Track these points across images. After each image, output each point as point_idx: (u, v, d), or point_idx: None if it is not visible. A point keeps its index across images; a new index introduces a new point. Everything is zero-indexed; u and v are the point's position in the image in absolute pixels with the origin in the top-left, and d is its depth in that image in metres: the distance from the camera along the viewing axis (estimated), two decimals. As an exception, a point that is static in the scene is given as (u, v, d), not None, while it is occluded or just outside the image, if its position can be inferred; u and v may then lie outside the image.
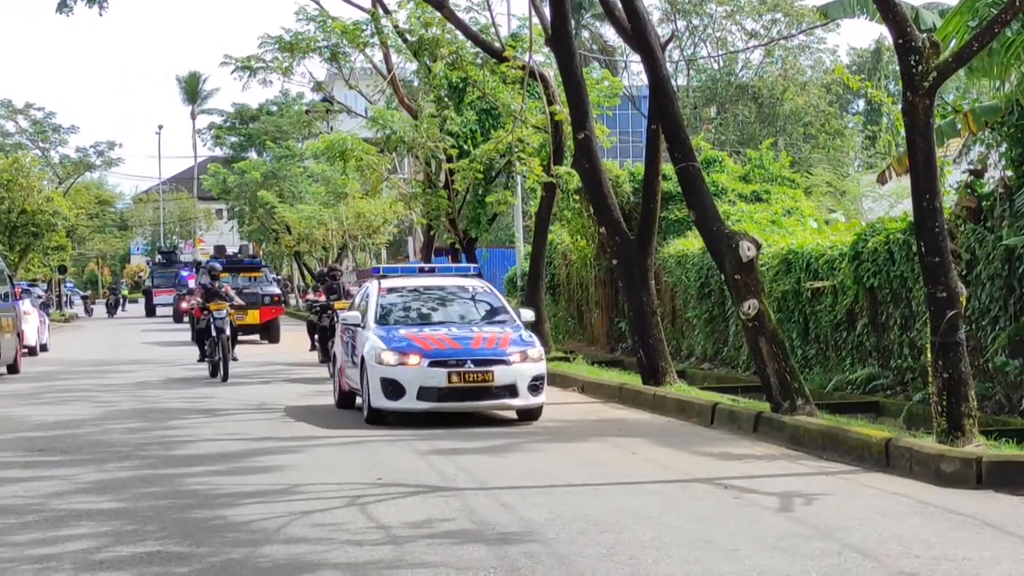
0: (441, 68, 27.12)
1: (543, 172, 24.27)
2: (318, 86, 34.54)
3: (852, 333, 17.74)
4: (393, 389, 15.18)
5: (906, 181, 13.60)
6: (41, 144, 68.45)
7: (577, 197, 25.12)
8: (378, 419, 15.50)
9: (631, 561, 7.93)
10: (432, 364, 15.13)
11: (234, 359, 24.35)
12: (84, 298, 77.50)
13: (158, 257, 77.58)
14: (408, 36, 27.96)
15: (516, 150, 25.35)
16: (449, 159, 27.35)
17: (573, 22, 23.29)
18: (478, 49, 25.77)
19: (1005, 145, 14.50)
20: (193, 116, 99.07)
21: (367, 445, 13.79)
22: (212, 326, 23.02)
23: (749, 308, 14.37)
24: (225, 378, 22.22)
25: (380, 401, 15.31)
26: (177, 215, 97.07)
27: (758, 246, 14.91)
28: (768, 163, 28.06)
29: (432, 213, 29.38)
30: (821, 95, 57.79)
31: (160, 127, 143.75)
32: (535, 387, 15.43)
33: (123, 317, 66.10)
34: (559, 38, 19.34)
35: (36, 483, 11.38)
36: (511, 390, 15.27)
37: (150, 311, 66.98)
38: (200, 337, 25.36)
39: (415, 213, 34.60)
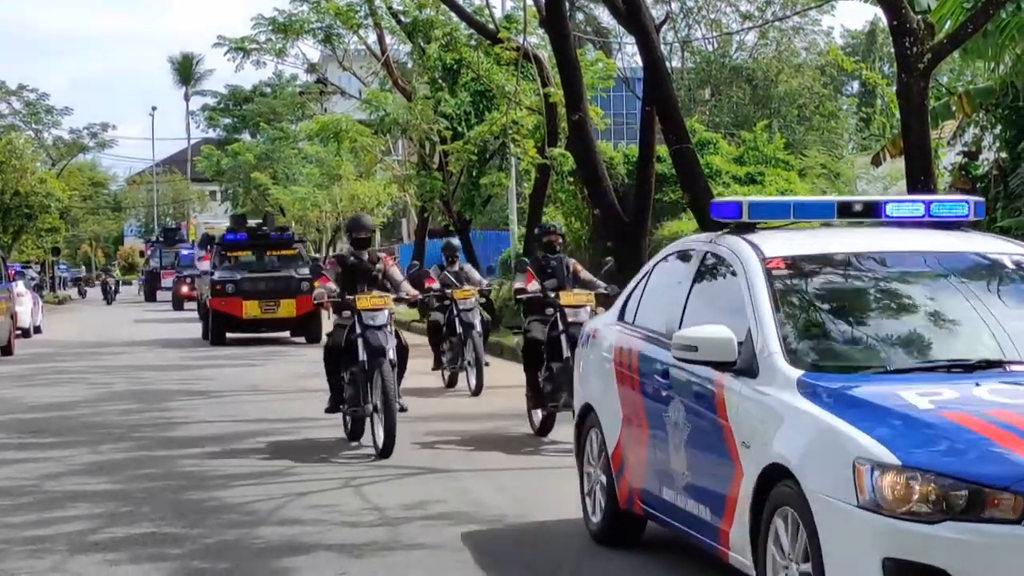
0: (435, 50, 27.08)
1: (537, 154, 24.24)
2: (312, 68, 34.50)
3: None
4: None
5: (900, 163, 13.61)
6: (34, 126, 68.23)
7: (571, 179, 25.15)
8: None
9: (630, 545, 7.94)
10: None
11: (402, 409, 11.57)
12: (77, 280, 77.37)
13: (156, 235, 73.04)
14: (402, 17, 27.99)
15: (510, 132, 25.37)
16: (443, 141, 27.33)
17: (567, 3, 23.26)
18: (472, 30, 25.72)
19: (999, 127, 14.51)
20: (187, 98, 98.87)
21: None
22: (362, 341, 11.74)
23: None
24: (386, 451, 11.29)
25: None
26: (171, 197, 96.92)
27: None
28: (762, 145, 28.12)
29: (426, 195, 29.38)
30: (815, 77, 57.69)
31: (154, 109, 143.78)
32: None
33: (118, 302, 65.59)
34: (553, 19, 19.28)
35: (30, 465, 11.38)
36: None
37: (151, 295, 62.01)
38: (334, 364, 12.32)
39: (409, 195, 34.61)
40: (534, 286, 13.22)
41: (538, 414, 12.67)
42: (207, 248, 33.52)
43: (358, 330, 11.77)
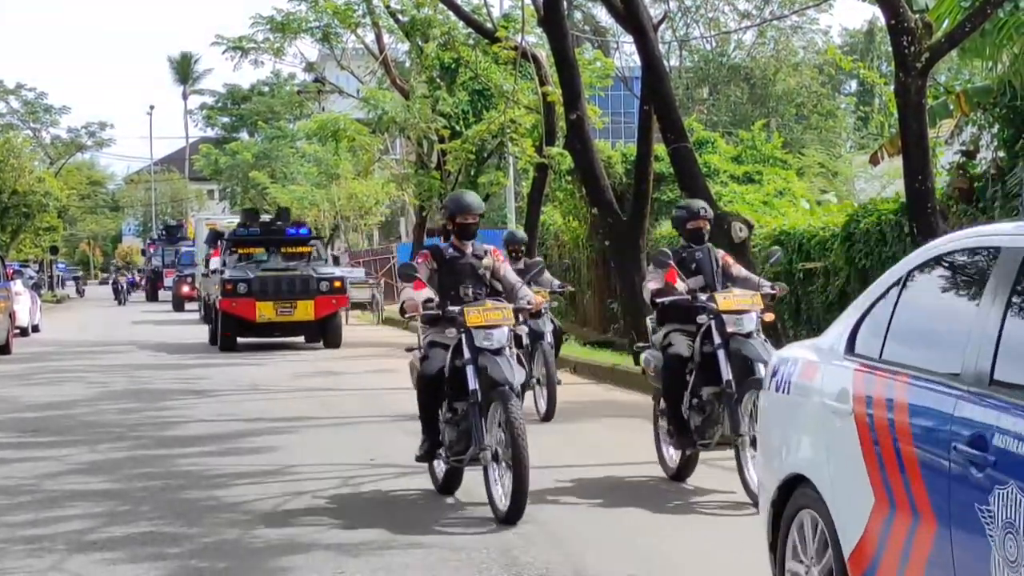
0: (433, 49, 27.11)
1: (535, 153, 24.24)
2: (310, 67, 34.52)
3: (844, 314, 17.69)
4: None
5: (898, 162, 13.62)
6: (32, 125, 68.29)
7: (569, 178, 25.14)
8: None
9: (626, 541, 7.95)
10: None
11: None
12: (76, 279, 77.51)
13: (158, 233, 71.90)
14: (400, 16, 28.03)
15: (508, 131, 25.40)
16: (441, 140, 27.37)
17: (565, 2, 23.28)
18: (470, 29, 25.75)
19: (997, 126, 14.50)
20: (185, 97, 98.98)
21: (359, 426, 13.80)
22: (472, 369, 8.91)
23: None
24: (513, 515, 8.43)
25: None
26: (169, 196, 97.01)
27: (750, 227, 14.93)
28: (760, 144, 28.08)
29: (424, 194, 29.42)
30: (813, 76, 57.78)
31: (152, 108, 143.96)
32: None
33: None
34: (551, 18, 19.29)
35: (29, 464, 11.38)
36: None
37: (152, 295, 61.03)
38: (430, 397, 9.28)
39: (407, 194, 34.61)
40: (681, 286, 9.83)
41: (672, 452, 9.93)
42: (216, 244, 30.59)
43: (467, 354, 8.85)
